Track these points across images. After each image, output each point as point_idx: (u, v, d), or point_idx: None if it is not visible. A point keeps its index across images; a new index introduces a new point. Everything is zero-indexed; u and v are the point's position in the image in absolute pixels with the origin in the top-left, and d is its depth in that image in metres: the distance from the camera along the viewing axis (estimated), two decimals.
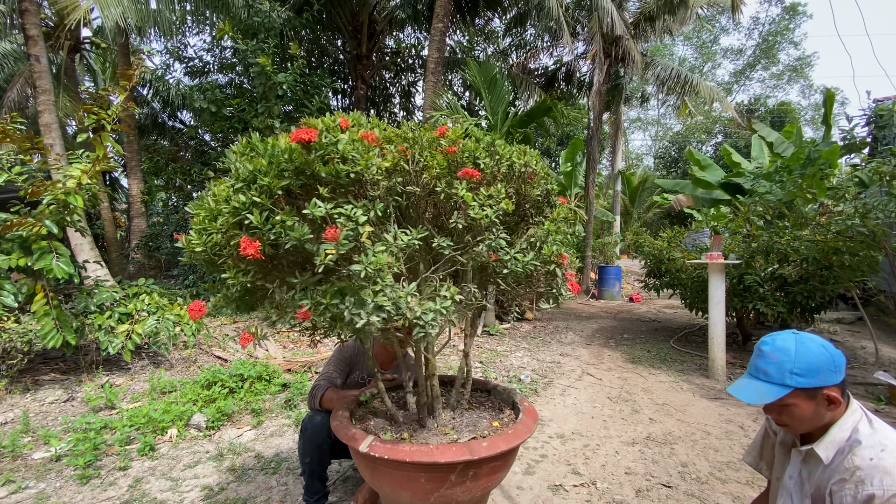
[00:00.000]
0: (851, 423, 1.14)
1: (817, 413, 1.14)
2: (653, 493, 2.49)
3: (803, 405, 1.13)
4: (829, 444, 1.15)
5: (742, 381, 1.22)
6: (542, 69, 13.73)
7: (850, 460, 1.10)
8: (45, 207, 4.08)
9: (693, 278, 5.83)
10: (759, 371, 1.18)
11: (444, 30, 7.65)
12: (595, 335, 6.90)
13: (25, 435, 3.11)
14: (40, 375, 4.37)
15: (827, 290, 4.83)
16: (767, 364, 1.16)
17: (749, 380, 1.20)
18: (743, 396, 1.17)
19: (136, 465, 2.76)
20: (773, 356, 1.15)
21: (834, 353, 1.12)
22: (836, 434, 1.14)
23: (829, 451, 1.15)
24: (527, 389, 4.25)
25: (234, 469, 2.71)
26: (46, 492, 2.47)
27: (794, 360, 1.11)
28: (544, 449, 3.02)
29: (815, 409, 1.13)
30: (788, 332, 1.19)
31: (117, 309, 4.53)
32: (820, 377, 1.10)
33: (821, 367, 1.10)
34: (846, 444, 1.13)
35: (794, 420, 1.17)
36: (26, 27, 6.36)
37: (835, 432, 1.14)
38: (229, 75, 9.90)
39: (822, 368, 1.10)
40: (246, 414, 3.53)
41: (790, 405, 1.14)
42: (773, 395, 1.12)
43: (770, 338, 1.19)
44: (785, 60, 26.17)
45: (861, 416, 1.15)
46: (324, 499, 2.32)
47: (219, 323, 6.77)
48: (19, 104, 11.39)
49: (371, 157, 1.49)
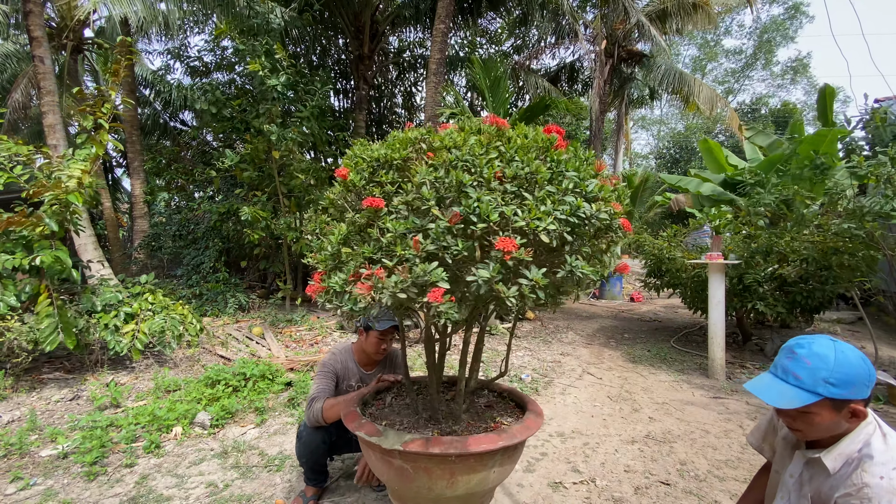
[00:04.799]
0: (864, 436, 1.09)
1: (836, 424, 1.09)
2: (651, 490, 2.53)
3: (826, 415, 1.08)
4: (838, 456, 1.11)
5: (765, 380, 1.15)
6: (544, 70, 13.76)
7: (858, 476, 1.05)
8: (47, 207, 4.13)
9: (693, 278, 5.85)
10: (787, 374, 1.11)
11: (446, 31, 7.67)
12: (596, 335, 6.93)
13: (32, 433, 3.15)
14: (45, 374, 4.42)
15: (826, 290, 4.85)
16: (800, 368, 1.09)
17: (774, 380, 1.14)
18: (765, 397, 1.11)
19: (142, 462, 2.80)
20: (809, 361, 1.08)
21: (870, 367, 1.07)
22: (846, 446, 1.10)
23: (836, 462, 1.11)
24: (527, 388, 4.28)
25: (238, 466, 2.75)
26: (54, 489, 2.51)
27: (831, 368, 1.05)
28: (545, 447, 3.06)
29: (835, 420, 1.08)
30: (826, 338, 1.12)
31: (122, 308, 4.57)
32: (853, 390, 1.04)
33: (857, 379, 1.04)
34: (856, 456, 1.08)
35: (810, 428, 1.12)
36: (30, 28, 6.40)
37: (845, 444, 1.10)
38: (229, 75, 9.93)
39: (858, 381, 1.04)
40: (249, 412, 3.56)
41: (811, 413, 1.09)
42: (799, 401, 1.06)
43: (806, 341, 1.12)
44: (783, 59, 26.24)
45: (875, 430, 1.10)
46: (324, 480, 2.40)
47: (221, 322, 6.81)
48: (23, 104, 11.45)
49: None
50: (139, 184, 9.44)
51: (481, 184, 1.46)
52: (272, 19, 6.98)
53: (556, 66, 13.69)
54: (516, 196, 1.48)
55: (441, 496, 1.71)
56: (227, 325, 6.65)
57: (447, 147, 1.58)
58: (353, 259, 1.50)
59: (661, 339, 6.52)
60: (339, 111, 11.96)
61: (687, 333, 6.89)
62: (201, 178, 8.33)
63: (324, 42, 11.34)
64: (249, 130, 7.40)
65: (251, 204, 7.33)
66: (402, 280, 1.32)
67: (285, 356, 5.14)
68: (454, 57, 11.87)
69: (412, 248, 1.37)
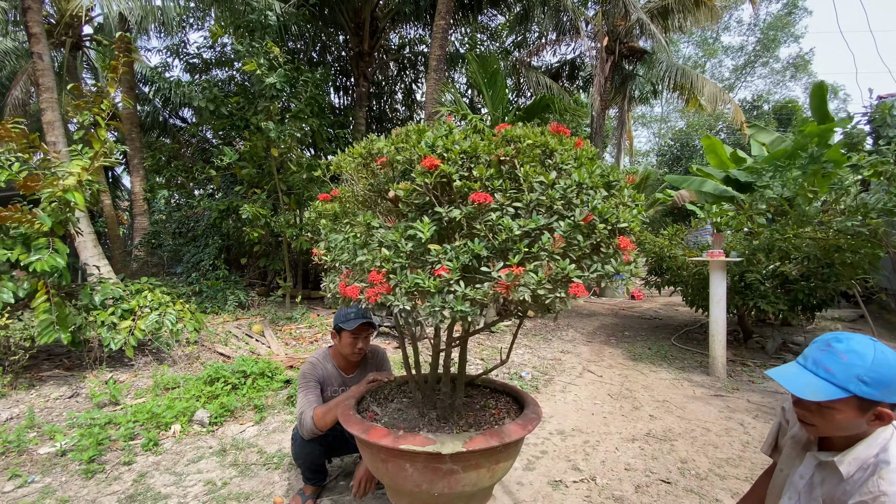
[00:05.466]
0: (881, 441, 1.06)
1: (856, 425, 1.05)
2: (652, 488, 2.51)
3: (849, 414, 1.04)
4: (853, 461, 1.08)
5: (790, 370, 1.12)
6: (545, 67, 13.71)
7: (874, 483, 1.02)
8: (45, 204, 4.10)
9: (694, 275, 5.83)
10: (818, 366, 1.07)
11: (446, 27, 7.64)
12: (596, 332, 6.91)
13: (31, 430, 3.14)
14: (44, 372, 4.41)
15: (829, 287, 4.83)
16: (834, 362, 1.05)
17: (802, 371, 1.10)
18: (789, 385, 1.08)
19: (140, 459, 2.78)
20: (845, 356, 1.04)
21: None
22: (862, 451, 1.07)
23: (850, 467, 1.07)
24: (527, 386, 4.27)
25: (236, 464, 2.74)
26: (52, 486, 2.50)
27: (868, 367, 1.01)
28: (544, 445, 3.04)
29: (857, 420, 1.04)
30: (866, 337, 1.09)
31: (120, 305, 4.56)
32: (885, 392, 1.01)
33: (892, 382, 1.01)
34: (872, 461, 1.05)
35: (828, 425, 1.08)
36: (29, 24, 6.37)
37: (861, 448, 1.07)
38: (228, 72, 9.90)
39: (893, 384, 1.01)
40: (248, 410, 3.55)
41: (834, 409, 1.05)
42: (826, 395, 1.03)
43: (845, 336, 1.09)
44: (785, 56, 26.09)
45: (892, 434, 1.07)
46: (322, 479, 2.37)
47: (221, 320, 6.80)
48: (23, 102, 11.43)
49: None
50: (139, 181, 9.43)
51: (588, 187, 1.54)
52: (269, 15, 6.93)
53: (557, 63, 13.64)
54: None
55: (481, 488, 1.76)
56: (226, 323, 6.64)
57: (541, 150, 1.62)
58: (463, 254, 1.42)
59: (662, 337, 6.50)
60: (340, 108, 11.92)
61: (688, 331, 6.87)
62: (201, 176, 8.31)
63: (324, 39, 11.29)
64: (248, 127, 7.37)
65: (251, 201, 7.31)
66: (544, 277, 1.35)
67: (285, 354, 5.13)
68: (454, 54, 11.83)
69: (549, 244, 1.40)
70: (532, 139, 1.60)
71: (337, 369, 2.37)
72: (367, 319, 2.23)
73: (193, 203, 8.58)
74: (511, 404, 2.18)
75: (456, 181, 1.51)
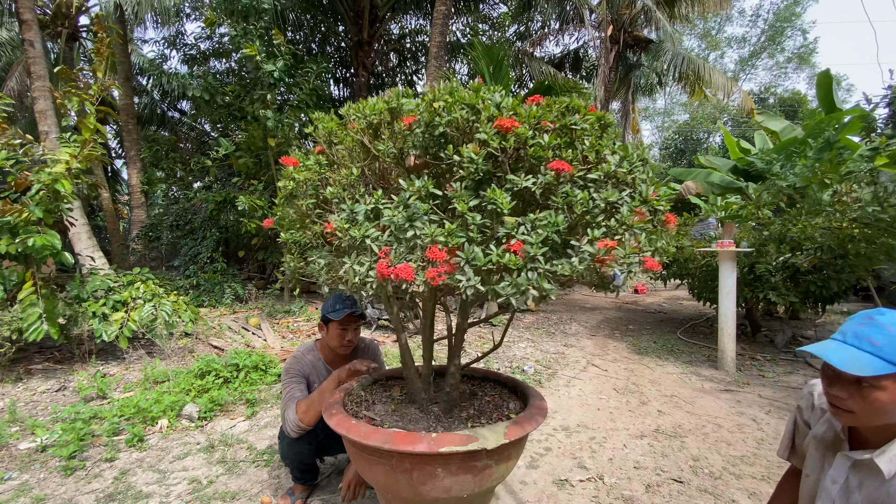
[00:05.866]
0: None
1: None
2: (664, 488, 2.36)
3: (894, 393, 0.94)
4: (895, 457, 0.97)
5: (830, 345, 1.02)
6: (548, 57, 13.48)
7: None
8: (34, 194, 3.97)
9: (702, 268, 5.66)
10: (861, 339, 0.98)
11: (447, 12, 7.44)
12: (600, 326, 6.76)
13: (13, 424, 3.02)
14: (34, 364, 4.29)
15: (842, 279, 4.66)
16: (880, 335, 0.96)
17: (842, 345, 1.00)
18: (831, 358, 0.98)
19: (123, 456, 2.65)
20: (891, 329, 0.96)
21: None
22: None
23: (893, 464, 0.97)
24: (530, 381, 4.12)
25: (224, 461, 2.60)
26: (29, 483, 2.37)
27: None
28: (549, 441, 2.90)
29: None
30: None
31: (112, 297, 4.43)
32: None
33: None
34: None
35: (870, 409, 0.96)
36: (20, 11, 6.22)
37: None
38: (226, 63, 9.74)
39: None
40: (240, 404, 3.42)
41: (877, 389, 0.94)
42: (872, 369, 0.93)
43: (886, 311, 1.01)
44: (790, 47, 25.62)
45: None
46: (313, 478, 2.23)
47: (218, 313, 6.68)
48: (19, 93, 11.29)
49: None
50: (136, 174, 9.30)
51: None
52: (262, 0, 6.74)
53: (561, 54, 13.40)
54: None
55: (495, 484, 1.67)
56: (223, 316, 6.52)
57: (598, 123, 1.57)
58: (544, 228, 1.29)
59: (668, 331, 6.34)
60: (339, 99, 11.75)
61: (693, 325, 6.71)
62: (198, 168, 8.16)
63: (323, 29, 11.11)
64: (246, 118, 7.21)
65: (248, 193, 7.17)
66: (632, 250, 1.31)
67: (280, 347, 5.00)
68: (455, 44, 11.61)
69: (628, 218, 1.33)
70: (584, 112, 1.56)
71: (324, 364, 2.21)
72: (353, 309, 2.06)
73: (190, 195, 8.45)
74: (500, 388, 2.07)
75: (531, 147, 1.40)
